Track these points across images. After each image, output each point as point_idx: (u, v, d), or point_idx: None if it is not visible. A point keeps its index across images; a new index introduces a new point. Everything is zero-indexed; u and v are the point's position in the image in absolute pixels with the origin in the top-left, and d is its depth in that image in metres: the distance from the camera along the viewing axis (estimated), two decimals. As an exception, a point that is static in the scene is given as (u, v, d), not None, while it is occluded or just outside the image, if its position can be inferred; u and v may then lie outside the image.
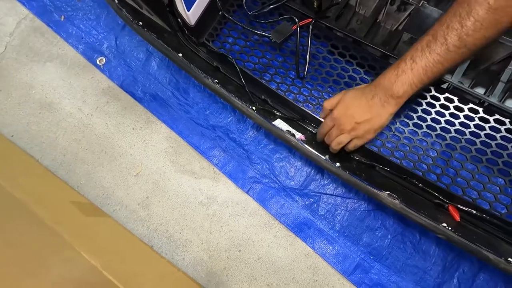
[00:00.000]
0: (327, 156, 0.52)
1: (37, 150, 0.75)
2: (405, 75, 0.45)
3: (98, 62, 0.80)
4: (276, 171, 0.67)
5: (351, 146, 0.53)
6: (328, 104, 0.53)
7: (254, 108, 0.55)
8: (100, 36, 0.81)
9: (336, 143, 0.52)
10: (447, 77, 0.57)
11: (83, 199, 0.68)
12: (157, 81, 0.76)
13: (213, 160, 0.69)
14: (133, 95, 0.76)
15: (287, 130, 0.54)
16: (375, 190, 0.48)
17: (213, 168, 0.69)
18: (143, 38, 0.60)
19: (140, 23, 0.59)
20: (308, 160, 0.65)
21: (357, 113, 0.49)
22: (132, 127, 0.75)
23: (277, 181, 0.66)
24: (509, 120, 0.52)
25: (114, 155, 0.73)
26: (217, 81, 0.56)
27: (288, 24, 0.63)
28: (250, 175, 0.67)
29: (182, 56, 0.58)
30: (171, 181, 0.70)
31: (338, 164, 0.51)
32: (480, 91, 0.58)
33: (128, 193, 0.70)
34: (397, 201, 0.47)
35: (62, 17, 0.85)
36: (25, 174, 0.66)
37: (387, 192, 0.47)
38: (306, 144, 0.53)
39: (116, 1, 0.59)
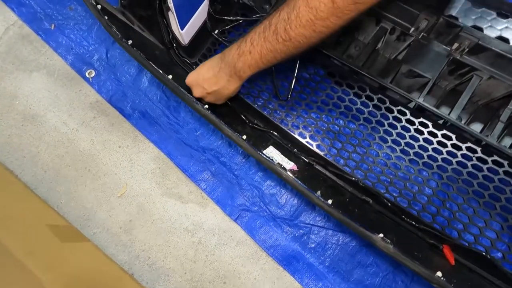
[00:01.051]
0: (319, 193, 0.49)
1: (17, 164, 0.72)
2: (245, 57, 0.46)
3: (87, 75, 0.77)
4: (266, 199, 0.64)
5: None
6: None
7: (244, 137, 0.53)
8: (90, 48, 0.79)
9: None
10: (444, 111, 0.55)
11: (61, 221, 0.64)
12: (147, 98, 0.73)
13: (201, 184, 0.66)
14: (121, 111, 0.73)
15: (278, 163, 0.51)
16: (368, 233, 0.45)
17: (201, 193, 0.66)
18: (133, 57, 0.57)
19: (130, 41, 0.56)
20: (300, 190, 0.62)
21: (206, 84, 0.52)
22: (119, 145, 0.71)
23: (267, 210, 0.63)
24: (507, 162, 0.50)
25: (98, 174, 0.70)
26: (207, 106, 0.54)
27: None
28: (239, 202, 0.65)
29: (172, 78, 0.55)
30: (156, 205, 0.67)
31: (330, 201, 0.49)
32: (477, 127, 0.56)
33: (110, 215, 0.67)
34: (390, 246, 0.44)
35: (53, 25, 0.82)
36: (1, 192, 0.63)
37: (381, 235, 0.45)
38: (298, 179, 0.51)
39: (106, 17, 0.57)
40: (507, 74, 0.53)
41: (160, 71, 0.55)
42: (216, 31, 0.65)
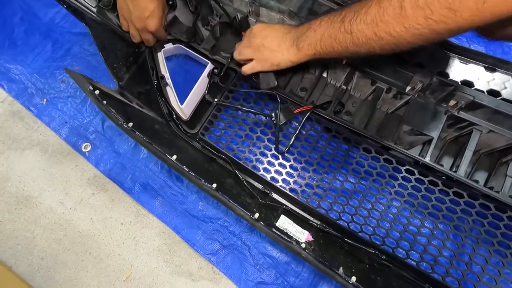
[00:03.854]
0: (341, 270, 0.47)
1: (10, 254, 0.67)
2: (309, 33, 0.47)
3: (83, 149, 0.75)
4: (281, 269, 0.61)
5: (247, 68, 0.56)
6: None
7: (256, 216, 0.51)
8: (85, 120, 0.77)
9: (238, 52, 0.57)
10: (447, 161, 0.55)
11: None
12: (148, 168, 0.71)
13: (212, 258, 0.63)
14: (121, 185, 0.71)
15: (296, 241, 0.50)
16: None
17: (212, 268, 0.63)
18: (134, 139, 0.56)
19: (131, 123, 0.55)
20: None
21: (269, 38, 0.52)
22: (121, 222, 0.68)
23: (284, 281, 0.60)
24: (522, 217, 0.50)
25: (100, 256, 0.66)
26: (215, 186, 0.53)
27: (289, 108, 0.61)
28: (253, 275, 0.61)
29: (177, 158, 0.54)
30: (165, 286, 0.63)
31: (354, 278, 0.47)
32: (482, 176, 0.58)
33: (116, 302, 0.62)
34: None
35: (44, 100, 0.81)
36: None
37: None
38: (316, 252, 0.49)
39: (105, 102, 0.56)
40: (505, 128, 0.55)
41: (164, 153, 0.53)
42: (216, 100, 0.65)
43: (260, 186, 0.61)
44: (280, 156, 0.60)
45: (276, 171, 0.60)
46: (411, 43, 0.36)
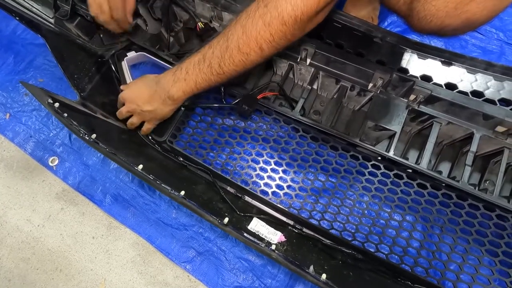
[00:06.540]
0: (311, 268, 0.48)
1: (-25, 278, 0.64)
2: (180, 83, 0.51)
3: (50, 163, 0.72)
4: (257, 272, 0.61)
5: (143, 131, 0.59)
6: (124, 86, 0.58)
7: (226, 220, 0.51)
8: (51, 133, 0.75)
9: (129, 124, 0.59)
10: (413, 155, 0.58)
11: None
12: (119, 179, 0.70)
13: (187, 266, 0.62)
14: (91, 197, 0.69)
15: (267, 243, 0.50)
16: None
17: (188, 276, 0.62)
18: (99, 151, 0.55)
19: (94, 135, 0.54)
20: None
21: (141, 102, 0.55)
22: (92, 236, 0.66)
23: (261, 284, 0.60)
24: (482, 204, 0.52)
25: (72, 273, 0.64)
26: (183, 193, 0.52)
27: (253, 96, 0.61)
28: (229, 279, 0.61)
29: (143, 168, 0.53)
30: (140, 298, 0.61)
31: (324, 276, 0.47)
32: (446, 166, 0.60)
33: (89, 319, 0.60)
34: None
35: (8, 115, 0.78)
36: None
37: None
38: (288, 252, 0.49)
39: (66, 114, 0.54)
40: (462, 119, 0.57)
41: (131, 164, 0.52)
42: (183, 109, 0.64)
43: (232, 190, 0.61)
44: (249, 159, 0.60)
45: (246, 174, 0.60)
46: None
